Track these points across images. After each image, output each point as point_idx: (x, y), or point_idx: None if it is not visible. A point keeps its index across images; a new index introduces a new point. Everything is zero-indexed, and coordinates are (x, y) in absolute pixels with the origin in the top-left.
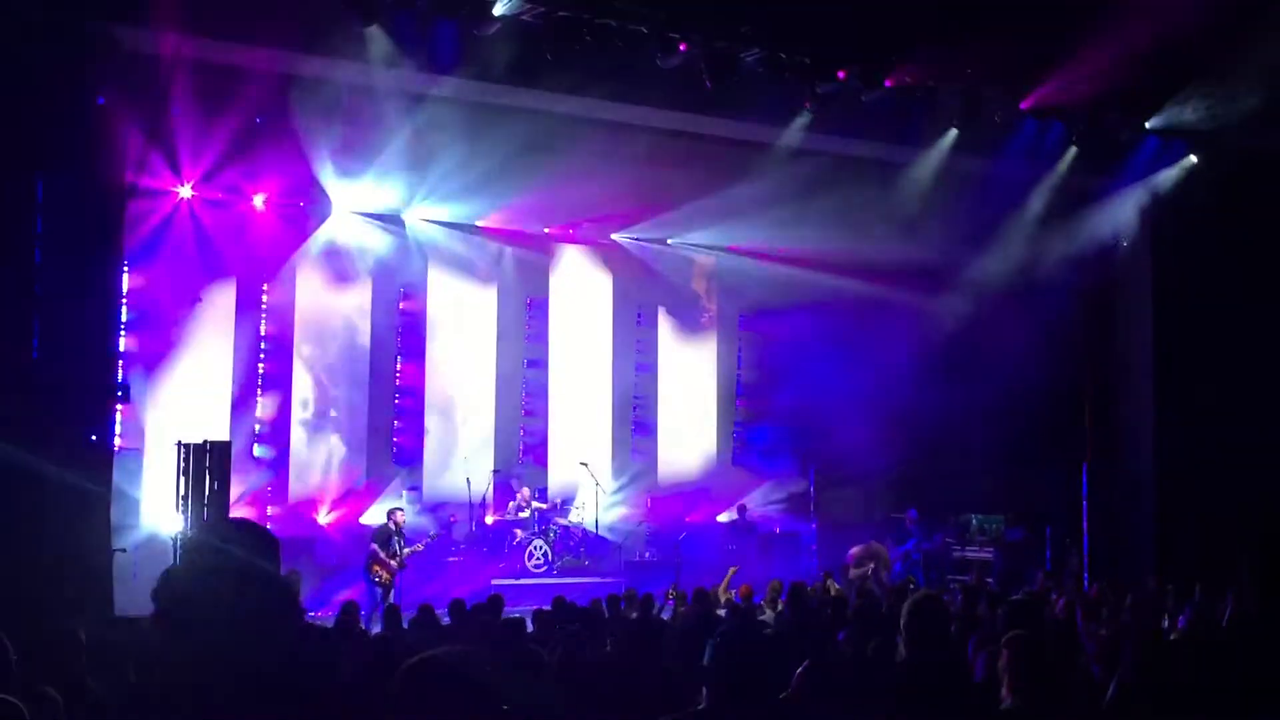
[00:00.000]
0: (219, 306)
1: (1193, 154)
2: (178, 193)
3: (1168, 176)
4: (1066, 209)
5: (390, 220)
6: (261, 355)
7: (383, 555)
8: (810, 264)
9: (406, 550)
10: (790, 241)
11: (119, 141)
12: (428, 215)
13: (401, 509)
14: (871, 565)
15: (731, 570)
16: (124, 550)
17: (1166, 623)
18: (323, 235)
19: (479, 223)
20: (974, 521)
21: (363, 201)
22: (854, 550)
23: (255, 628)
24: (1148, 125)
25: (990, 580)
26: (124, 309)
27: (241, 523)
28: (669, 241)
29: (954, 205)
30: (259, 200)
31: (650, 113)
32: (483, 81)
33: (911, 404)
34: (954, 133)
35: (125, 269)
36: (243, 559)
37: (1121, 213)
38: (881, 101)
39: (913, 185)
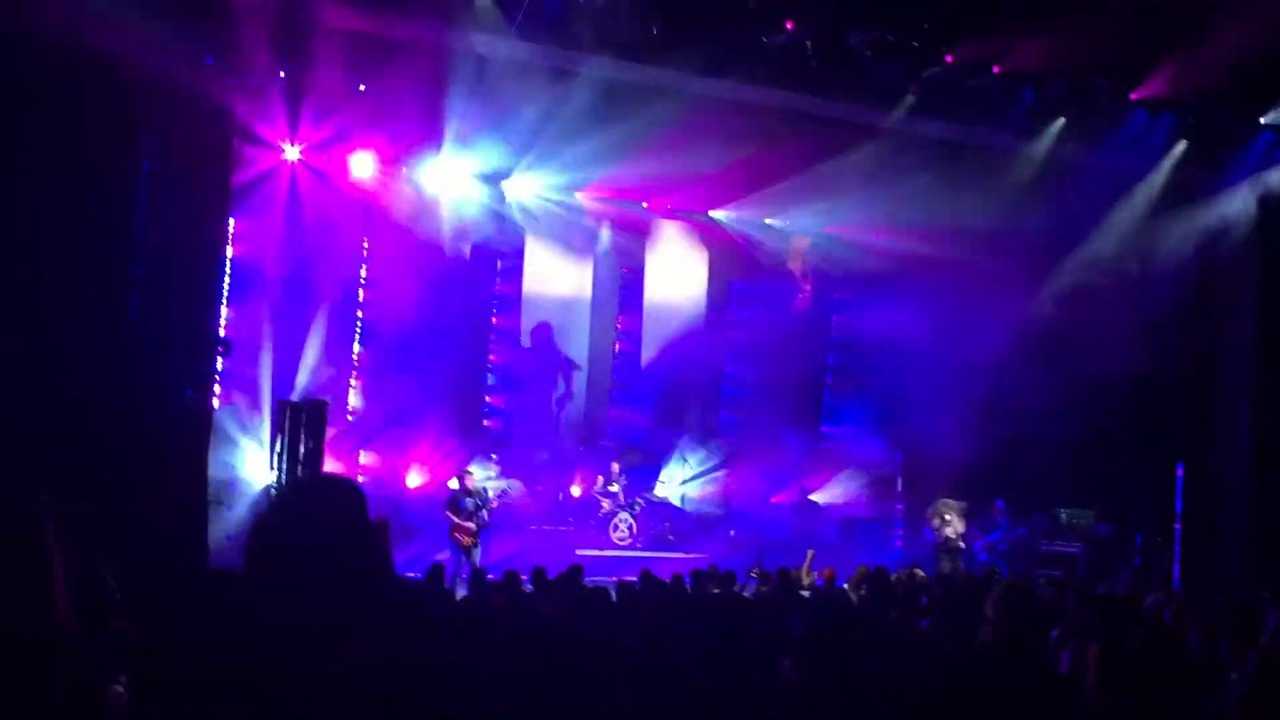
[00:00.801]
0: (323, 267)
1: None
2: (284, 154)
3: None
4: (1173, 202)
5: (491, 189)
6: (359, 320)
7: (456, 519)
8: (907, 248)
9: (485, 508)
10: (887, 224)
11: (226, 101)
12: (529, 186)
13: (471, 472)
14: (946, 514)
15: (810, 554)
16: (220, 503)
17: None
18: (426, 197)
19: (578, 195)
20: (1063, 515)
21: (464, 171)
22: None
23: (344, 578)
24: (1262, 120)
25: (1078, 575)
26: (228, 265)
27: (330, 476)
28: (767, 221)
29: (1058, 194)
30: (362, 166)
31: (756, 91)
32: (592, 55)
33: (1003, 392)
34: (1061, 121)
35: (230, 227)
36: (332, 510)
37: (1229, 208)
38: (989, 87)
39: (1017, 172)
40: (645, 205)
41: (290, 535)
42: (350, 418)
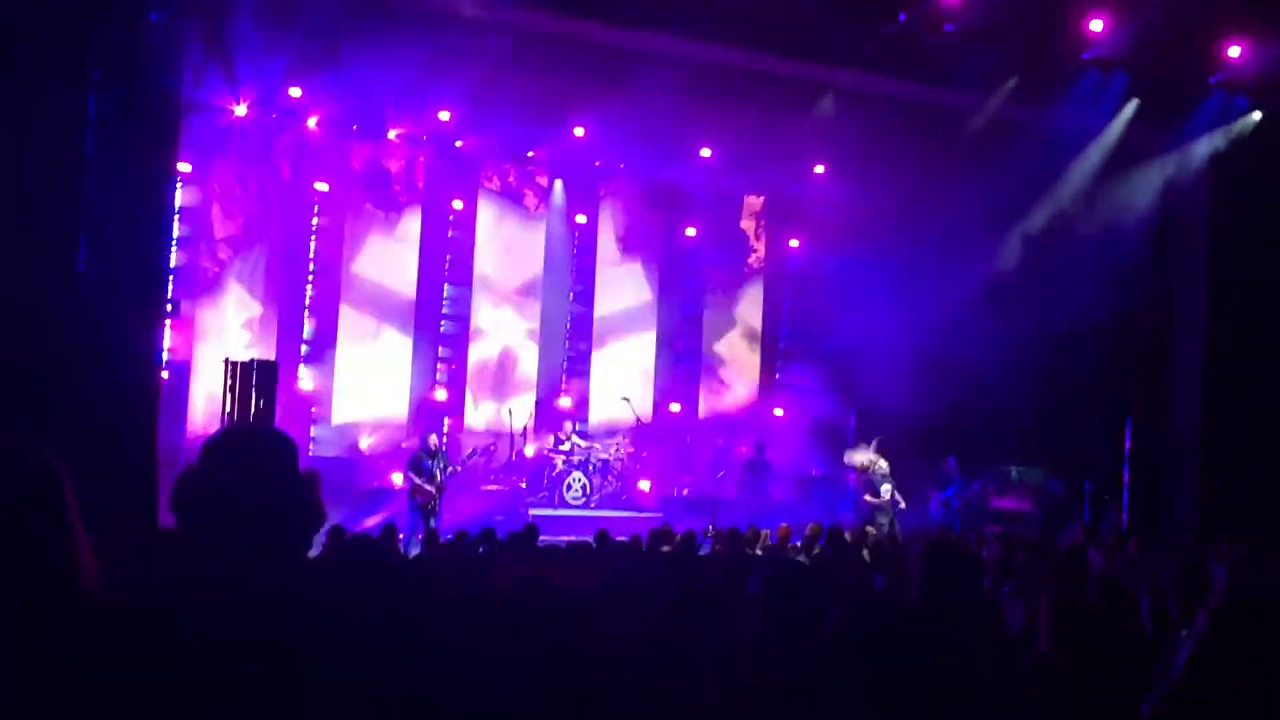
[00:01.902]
0: (272, 226)
1: (1257, 110)
2: (233, 110)
3: (1229, 131)
4: (1126, 161)
5: (442, 145)
6: (310, 277)
7: (418, 480)
8: (860, 206)
9: (450, 469)
10: (840, 183)
11: (175, 56)
12: (479, 142)
13: (435, 433)
14: (862, 460)
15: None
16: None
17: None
18: (374, 158)
19: (529, 154)
20: (1014, 472)
21: (415, 125)
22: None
23: (272, 527)
24: (1212, 80)
25: (1028, 531)
26: (176, 224)
27: (258, 427)
28: (720, 182)
29: (1011, 153)
30: (312, 122)
31: (708, 48)
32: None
33: (957, 349)
34: (1014, 80)
35: (179, 184)
36: (259, 459)
37: (1181, 166)
38: (941, 45)
39: (970, 131)
40: (598, 164)
41: (215, 486)
42: (301, 374)
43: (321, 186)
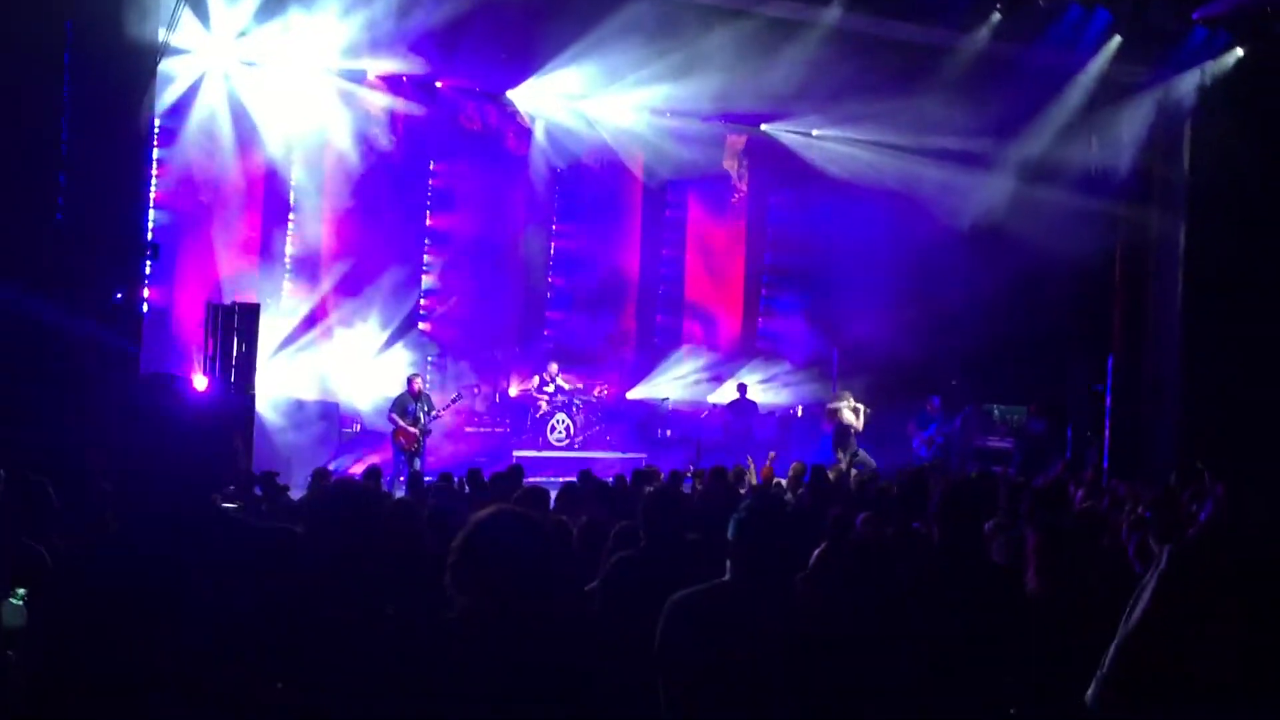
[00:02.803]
0: (251, 170)
1: (1239, 46)
2: (209, 57)
3: (1212, 68)
4: (1107, 99)
5: (421, 87)
6: (290, 221)
7: (402, 423)
8: (843, 145)
9: (434, 413)
10: (823, 122)
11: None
12: (459, 83)
13: (419, 375)
14: (842, 404)
15: (771, 455)
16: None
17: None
18: (353, 101)
19: (509, 94)
20: (995, 411)
21: (393, 68)
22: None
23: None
24: (1195, 16)
25: (1009, 469)
26: (154, 168)
27: (163, 377)
28: (702, 120)
29: (993, 91)
30: (292, 66)
31: None
32: None
33: (939, 290)
34: (997, 17)
35: (156, 129)
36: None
37: (1163, 104)
38: None
39: (952, 69)
40: (578, 104)
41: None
42: (283, 321)
43: (300, 133)
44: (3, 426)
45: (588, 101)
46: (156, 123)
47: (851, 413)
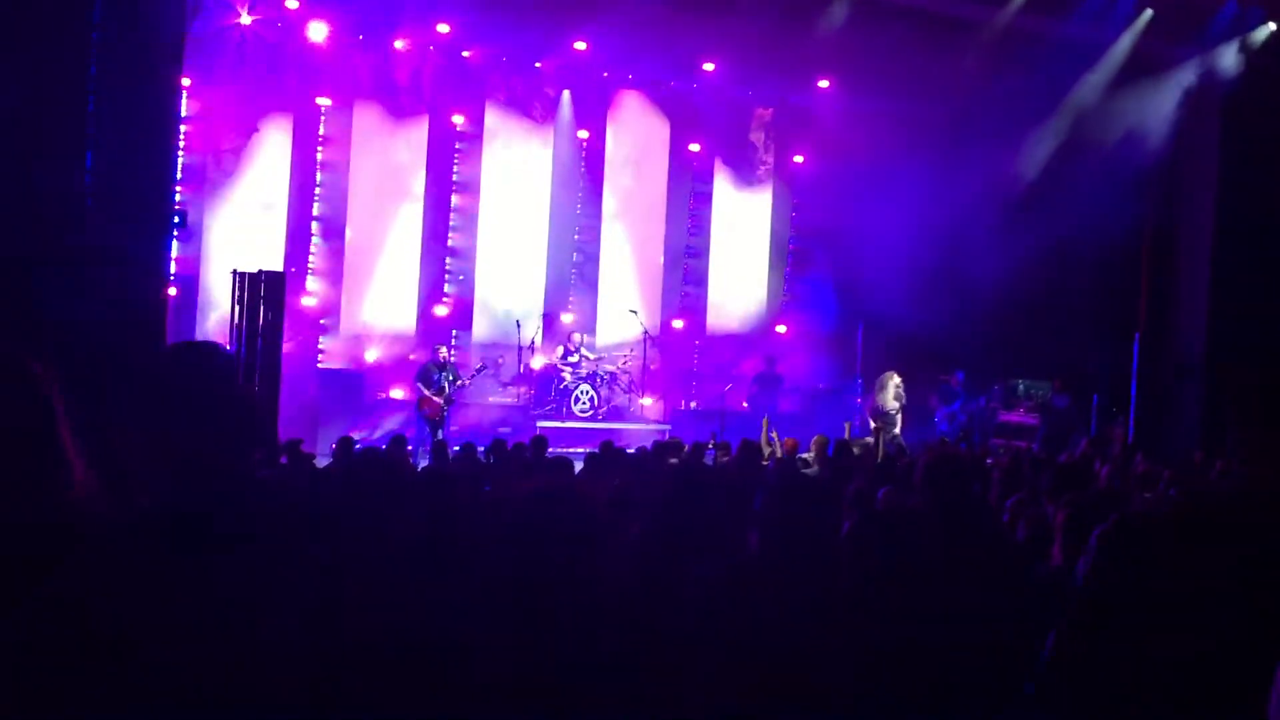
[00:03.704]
0: (277, 136)
1: (1272, 21)
2: (238, 19)
3: (1244, 43)
4: (1137, 75)
5: (448, 56)
6: (317, 188)
7: (427, 392)
8: (870, 118)
9: (459, 382)
10: (851, 94)
11: None
12: (486, 53)
13: (444, 345)
14: (886, 388)
15: (764, 421)
16: None
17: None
18: (380, 67)
19: (537, 64)
20: (1020, 386)
21: (421, 35)
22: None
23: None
24: None
25: (1033, 445)
26: (181, 135)
27: (183, 347)
28: (729, 91)
29: (1023, 65)
30: (318, 30)
31: None
32: None
33: (964, 265)
34: None
35: (184, 95)
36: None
37: (1194, 79)
38: None
39: (982, 43)
40: (605, 75)
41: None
42: (309, 291)
43: (324, 101)
44: None
45: (613, 72)
46: (184, 95)
47: (892, 398)
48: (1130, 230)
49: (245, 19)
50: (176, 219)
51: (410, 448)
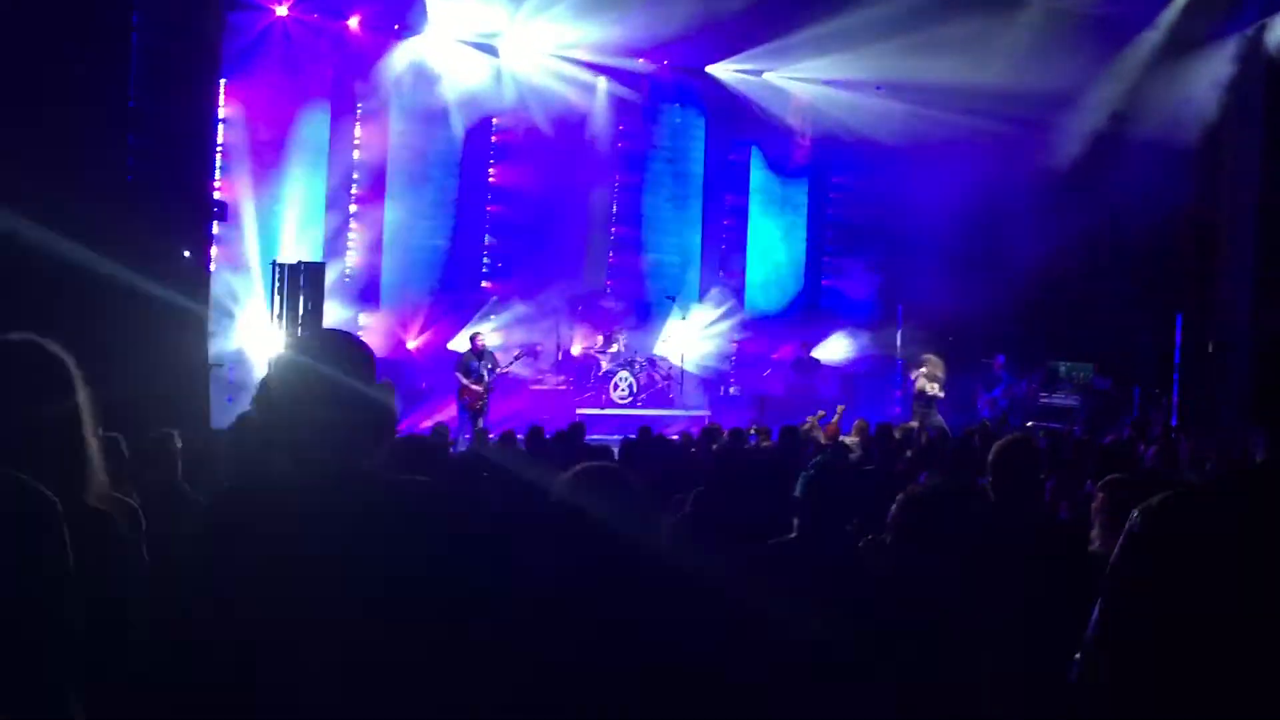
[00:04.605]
0: (314, 129)
1: None
2: (274, 10)
3: None
4: (1178, 52)
5: (484, 48)
6: (354, 180)
7: (465, 381)
8: (907, 103)
9: (498, 370)
10: (887, 78)
11: None
12: (522, 42)
13: (481, 333)
14: (924, 370)
15: (840, 409)
16: (220, 365)
17: None
18: (417, 60)
19: (571, 54)
20: (1061, 369)
21: (458, 27)
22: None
23: (346, 439)
24: None
25: (1075, 428)
26: (220, 128)
27: (333, 334)
28: (765, 75)
29: (1061, 46)
30: (354, 22)
31: None
32: None
33: (1004, 246)
34: None
35: (221, 87)
36: (331, 372)
37: (1234, 57)
38: None
39: (1020, 24)
40: (640, 62)
41: (291, 396)
42: (347, 279)
43: (363, 87)
44: None
45: (649, 56)
46: (222, 82)
47: (930, 381)
48: (1172, 210)
49: (281, 10)
50: (216, 209)
51: (452, 437)
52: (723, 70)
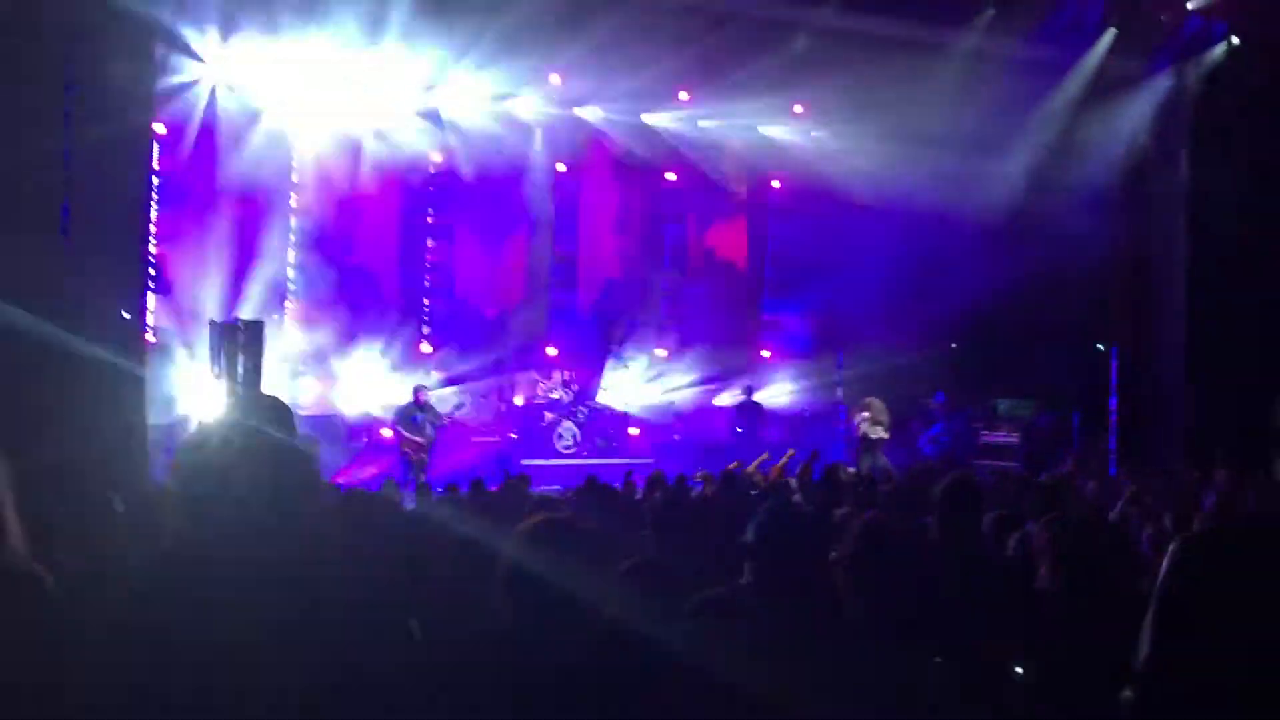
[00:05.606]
0: (248, 188)
1: (1234, 34)
2: (203, 76)
3: (1208, 58)
4: (1104, 93)
5: (422, 102)
6: (291, 235)
7: (408, 434)
8: (841, 146)
9: (439, 422)
10: (821, 122)
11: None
12: (457, 93)
13: (425, 386)
14: (866, 414)
15: (790, 453)
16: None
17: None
18: (349, 115)
19: (507, 104)
20: (1000, 406)
21: (388, 82)
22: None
23: (269, 496)
24: (1189, 6)
25: (1015, 464)
26: (155, 183)
27: (259, 393)
28: (700, 124)
29: (988, 88)
30: (290, 76)
31: None
32: None
33: (942, 286)
34: (992, 12)
35: (155, 143)
36: (253, 429)
37: (1160, 95)
38: None
39: (948, 67)
40: (575, 111)
41: (218, 450)
42: (286, 340)
43: (300, 143)
44: (8, 440)
45: (585, 103)
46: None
47: (873, 425)
48: (1105, 247)
49: (211, 74)
50: (152, 270)
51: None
52: (656, 119)
